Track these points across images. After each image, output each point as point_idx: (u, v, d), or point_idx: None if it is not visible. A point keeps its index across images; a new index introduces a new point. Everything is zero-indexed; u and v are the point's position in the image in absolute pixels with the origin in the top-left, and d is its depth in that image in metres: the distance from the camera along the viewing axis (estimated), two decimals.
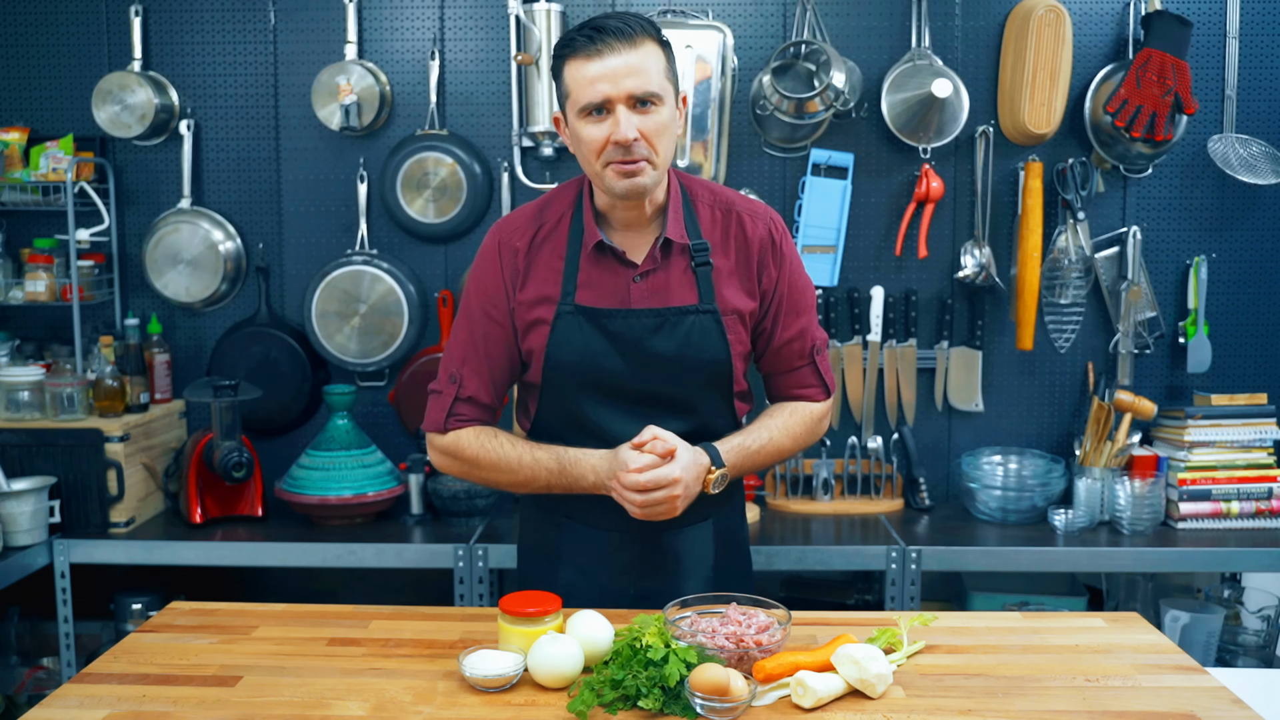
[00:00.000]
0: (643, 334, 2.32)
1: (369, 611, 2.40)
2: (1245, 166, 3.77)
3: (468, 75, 3.95)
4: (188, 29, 3.96)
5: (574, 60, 2.20)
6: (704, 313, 2.34)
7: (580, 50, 2.19)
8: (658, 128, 2.21)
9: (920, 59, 3.80)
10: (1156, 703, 1.94)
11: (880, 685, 1.95)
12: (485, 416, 2.44)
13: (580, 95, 2.20)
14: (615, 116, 2.18)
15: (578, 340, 2.32)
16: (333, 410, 3.77)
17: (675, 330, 2.32)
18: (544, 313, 2.34)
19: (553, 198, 2.43)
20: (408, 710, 1.91)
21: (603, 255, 2.34)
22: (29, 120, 4.00)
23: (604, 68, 2.17)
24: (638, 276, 2.33)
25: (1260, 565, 3.50)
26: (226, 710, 1.92)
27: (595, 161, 2.23)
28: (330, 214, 4.01)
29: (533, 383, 2.42)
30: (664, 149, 2.24)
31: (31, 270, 3.85)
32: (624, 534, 2.43)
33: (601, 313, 2.32)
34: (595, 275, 2.33)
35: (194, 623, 2.35)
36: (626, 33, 2.18)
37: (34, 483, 3.50)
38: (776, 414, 2.47)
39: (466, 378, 2.40)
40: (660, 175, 2.27)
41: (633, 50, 2.18)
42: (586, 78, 2.18)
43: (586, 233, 2.33)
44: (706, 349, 2.34)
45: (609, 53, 2.17)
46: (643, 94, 2.18)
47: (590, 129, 2.21)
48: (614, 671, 1.92)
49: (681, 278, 2.34)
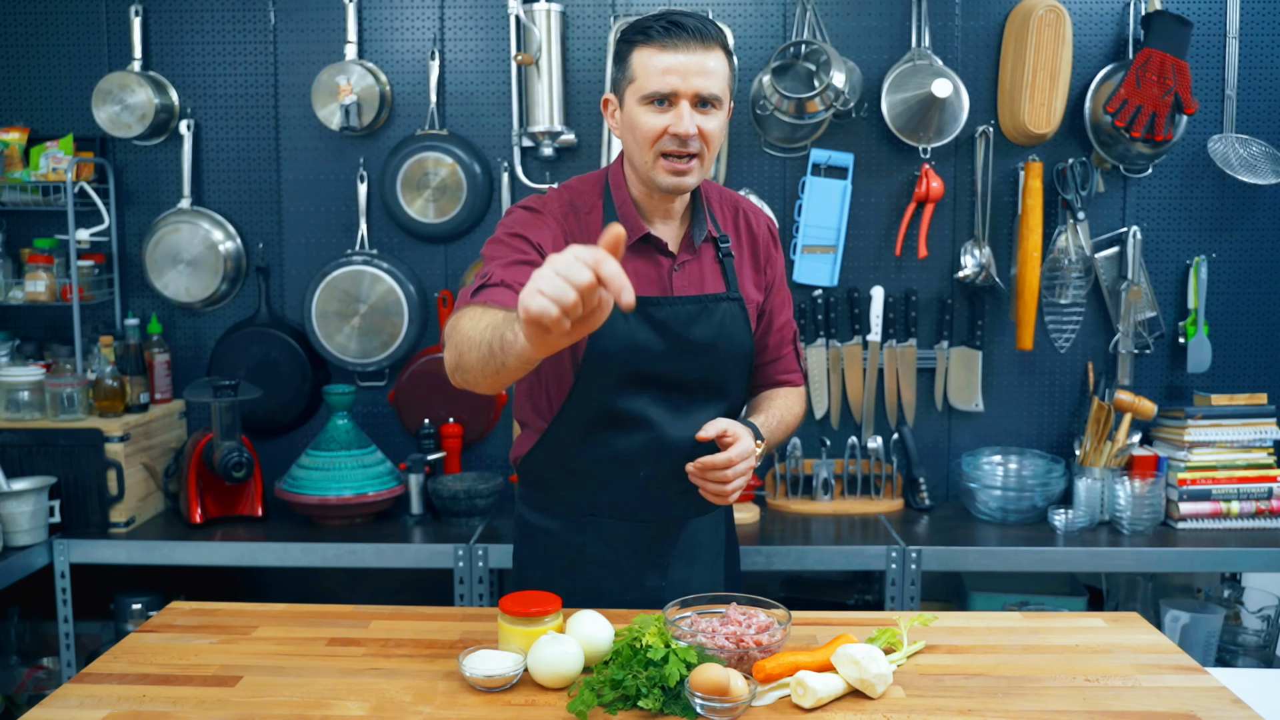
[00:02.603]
0: (686, 321, 2.36)
1: (369, 611, 2.40)
2: (1245, 166, 3.77)
3: (468, 75, 3.95)
4: (188, 29, 3.97)
5: (646, 48, 2.24)
6: (732, 300, 2.41)
7: (655, 39, 2.23)
8: (713, 130, 2.26)
9: (920, 59, 3.80)
10: (1156, 703, 1.94)
11: (880, 685, 1.95)
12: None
13: (648, 82, 2.23)
14: (679, 110, 2.22)
15: (622, 329, 2.33)
16: (333, 410, 3.77)
17: (711, 317, 2.38)
18: None
19: (579, 188, 2.44)
20: (408, 710, 1.91)
21: (643, 246, 2.37)
22: (29, 120, 4.00)
23: (676, 61, 2.21)
24: (677, 266, 2.38)
25: (1260, 565, 3.50)
26: (226, 710, 1.92)
27: (648, 150, 2.26)
28: (330, 214, 4.01)
29: (563, 376, 2.39)
30: (713, 151, 2.30)
31: (31, 270, 3.85)
32: (651, 525, 2.46)
33: (647, 301, 2.34)
34: (634, 266, 2.35)
35: (194, 623, 2.35)
36: (703, 33, 2.23)
37: (34, 483, 3.50)
38: (776, 397, 2.57)
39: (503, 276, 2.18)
40: (704, 176, 2.34)
41: (706, 52, 2.23)
42: (657, 67, 2.22)
43: (627, 223, 2.35)
44: (737, 335, 2.41)
45: (684, 48, 2.21)
46: (708, 95, 2.23)
47: (650, 117, 2.25)
48: (614, 671, 1.92)
49: (711, 268, 2.42)
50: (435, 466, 3.85)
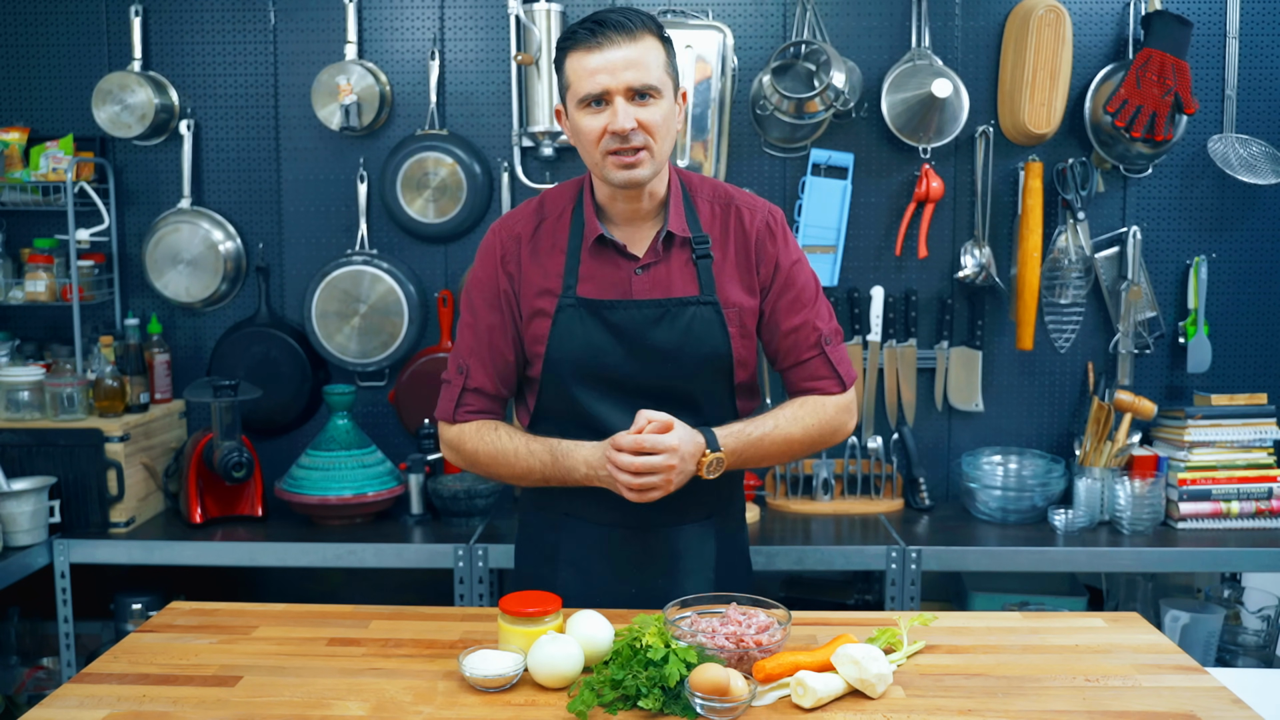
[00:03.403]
0: (644, 325, 2.34)
1: (369, 611, 2.40)
2: (1245, 166, 3.77)
3: (468, 75, 3.94)
4: (188, 29, 3.96)
5: (575, 52, 2.25)
6: (705, 304, 2.36)
7: (581, 43, 2.24)
8: (655, 120, 2.25)
9: (920, 59, 3.79)
10: (1157, 703, 1.94)
11: (880, 685, 1.95)
12: (493, 407, 2.46)
13: (580, 86, 2.25)
14: (614, 107, 2.22)
15: (579, 333, 2.34)
16: (333, 410, 3.77)
17: (676, 321, 2.34)
18: (545, 304, 2.36)
19: (552, 194, 2.46)
20: (408, 710, 1.91)
21: (604, 249, 2.36)
22: (29, 120, 4.00)
23: (604, 60, 2.21)
24: (639, 269, 2.36)
25: (1260, 565, 3.50)
26: (226, 710, 1.92)
27: (594, 151, 2.27)
28: (330, 214, 4.01)
29: (532, 376, 2.43)
30: (662, 141, 2.27)
31: (31, 270, 3.85)
32: (624, 530, 2.43)
33: (603, 304, 2.33)
34: (596, 269, 2.36)
35: (194, 623, 2.35)
36: (626, 27, 2.23)
37: (34, 483, 3.50)
38: (786, 405, 2.45)
39: (473, 369, 2.43)
40: (658, 167, 2.30)
41: (632, 44, 2.22)
42: (586, 69, 2.23)
43: (587, 226, 2.36)
44: (707, 340, 2.36)
45: (609, 45, 2.21)
46: (641, 86, 2.22)
47: (589, 119, 2.25)
48: (614, 671, 1.92)
49: (683, 271, 2.37)
50: (435, 466, 3.84)
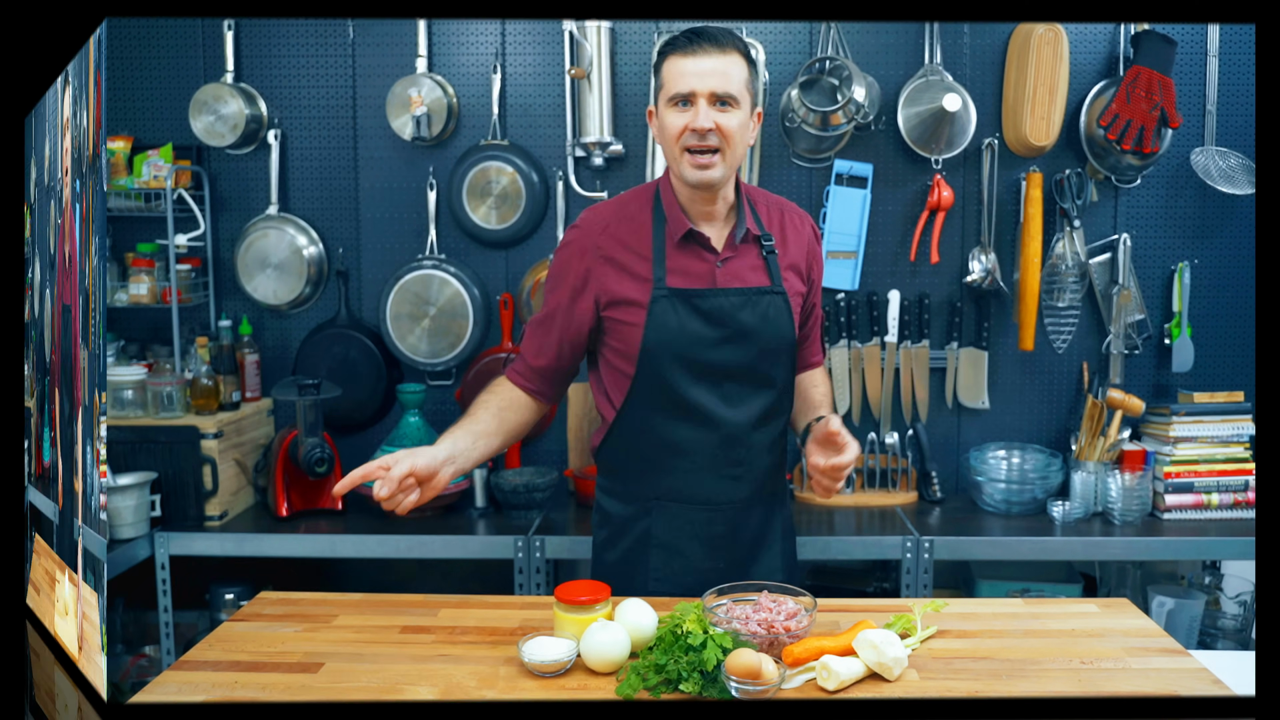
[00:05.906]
0: (731, 311, 2.42)
1: (437, 600, 2.43)
2: (1224, 177, 3.74)
3: (526, 88, 3.93)
4: (275, 43, 3.94)
5: (672, 56, 2.35)
6: (776, 293, 2.46)
7: (679, 49, 2.34)
8: (731, 126, 2.34)
9: (933, 74, 3.78)
10: (1145, 684, 1.96)
11: (897, 668, 1.98)
12: (535, 379, 2.56)
13: (671, 85, 2.35)
14: (696, 108, 2.31)
15: (673, 321, 2.40)
16: (405, 408, 3.76)
17: (756, 308, 2.43)
18: (637, 295, 2.42)
19: (630, 196, 2.54)
20: (473, 694, 1.95)
21: (688, 244, 2.44)
22: (133, 129, 3.98)
23: (695, 65, 2.32)
24: (720, 262, 2.44)
25: (1237, 553, 3.47)
26: (310, 695, 1.95)
27: (674, 146, 2.36)
28: (403, 220, 3.99)
29: (625, 366, 2.46)
30: (735, 148, 2.37)
31: (135, 274, 3.83)
32: (709, 511, 2.50)
33: (694, 293, 2.41)
34: (682, 262, 2.43)
35: (280, 612, 2.39)
36: (719, 40, 2.33)
37: (137, 478, 3.48)
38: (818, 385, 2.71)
39: (529, 338, 2.55)
40: (729, 172, 2.39)
41: (722, 56, 2.32)
42: (679, 71, 2.33)
43: (673, 223, 2.44)
44: (781, 326, 2.46)
45: (701, 54, 2.32)
46: (723, 93, 2.32)
47: (674, 116, 2.35)
48: (658, 657, 1.96)
49: (754, 264, 2.47)
50: (497, 462, 3.86)
